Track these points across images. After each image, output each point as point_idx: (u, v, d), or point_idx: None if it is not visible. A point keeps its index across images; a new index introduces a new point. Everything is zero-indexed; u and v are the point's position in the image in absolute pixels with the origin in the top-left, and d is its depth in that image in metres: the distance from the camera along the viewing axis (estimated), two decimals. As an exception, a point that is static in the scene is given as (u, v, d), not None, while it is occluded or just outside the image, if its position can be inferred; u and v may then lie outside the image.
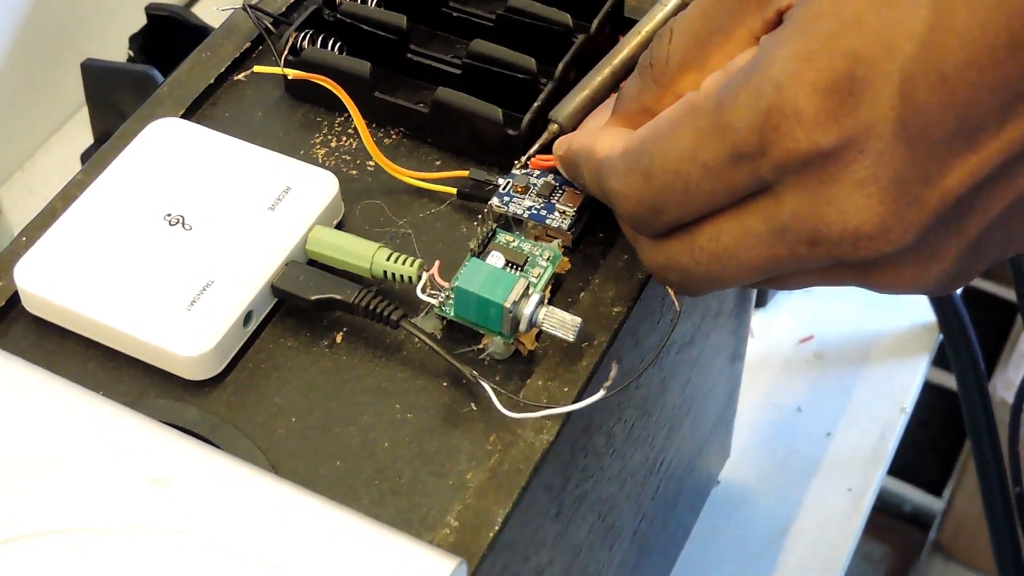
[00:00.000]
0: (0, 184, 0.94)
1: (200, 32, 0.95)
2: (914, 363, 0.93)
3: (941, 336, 0.92)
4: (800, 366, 0.93)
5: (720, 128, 0.39)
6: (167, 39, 0.96)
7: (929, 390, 1.37)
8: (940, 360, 1.00)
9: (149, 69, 0.89)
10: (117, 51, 0.99)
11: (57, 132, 1.02)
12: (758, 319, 0.95)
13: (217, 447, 0.45)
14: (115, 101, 0.92)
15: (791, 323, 0.95)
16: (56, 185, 0.54)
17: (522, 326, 0.47)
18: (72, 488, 0.43)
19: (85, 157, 0.94)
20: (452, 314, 0.48)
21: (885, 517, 1.55)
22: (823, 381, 0.92)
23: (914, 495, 1.56)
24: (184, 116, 0.55)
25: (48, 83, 1.01)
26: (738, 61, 0.41)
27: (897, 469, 1.37)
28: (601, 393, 0.45)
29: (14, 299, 0.50)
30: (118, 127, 0.56)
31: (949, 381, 1.51)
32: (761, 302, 0.95)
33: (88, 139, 0.97)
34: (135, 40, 0.97)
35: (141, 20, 0.98)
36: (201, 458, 0.44)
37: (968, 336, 0.87)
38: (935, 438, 1.60)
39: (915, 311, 0.96)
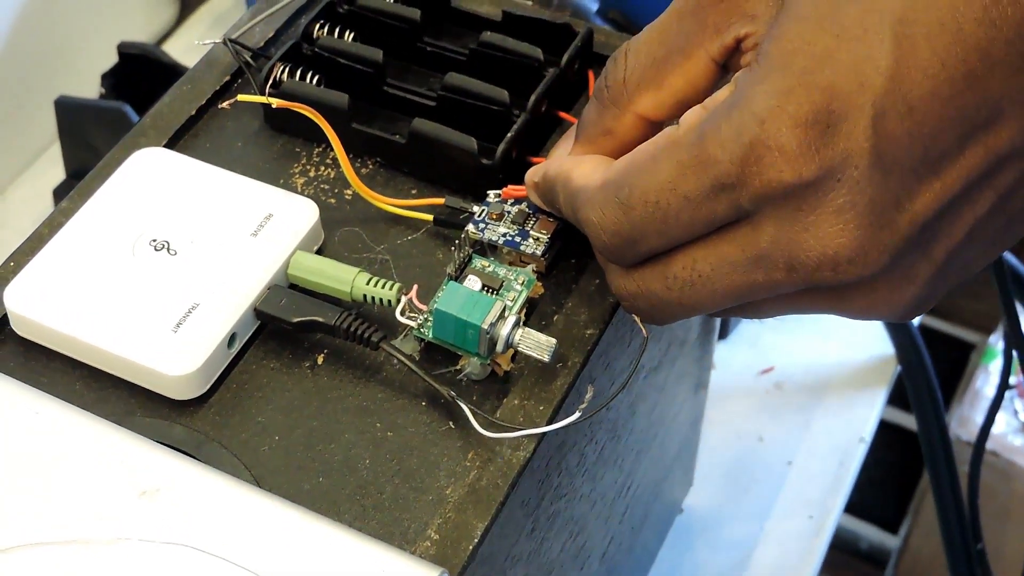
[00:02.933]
0: (-27, 218, 0.95)
1: (171, 70, 0.97)
2: (872, 394, 0.95)
3: (899, 368, 0.94)
4: (761, 396, 0.95)
5: (702, 161, 0.41)
6: (139, 77, 0.98)
7: (885, 428, 1.39)
8: (896, 399, 1.02)
9: (122, 106, 0.90)
10: (89, 89, 1.00)
11: (29, 167, 1.03)
12: (720, 350, 0.96)
13: (203, 463, 0.47)
14: (88, 137, 0.93)
15: (752, 354, 0.97)
16: (28, 219, 0.56)
17: (499, 347, 0.48)
18: (62, 501, 0.44)
19: (58, 192, 0.95)
20: (431, 336, 0.49)
21: (841, 555, 1.57)
22: (784, 411, 0.94)
23: (870, 532, 1.58)
24: (166, 146, 0.57)
25: (20, 119, 1.02)
26: (718, 96, 0.43)
27: (853, 506, 1.39)
28: (576, 415, 0.47)
29: (2, 322, 0.52)
30: (91, 163, 0.57)
31: (905, 420, 1.54)
32: (723, 334, 0.97)
33: (60, 175, 0.98)
34: (107, 78, 0.99)
35: (113, 58, 1.00)
36: (188, 472, 0.45)
37: (925, 367, 0.89)
38: (891, 476, 1.62)
39: (873, 344, 0.98)
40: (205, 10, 1.19)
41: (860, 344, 0.98)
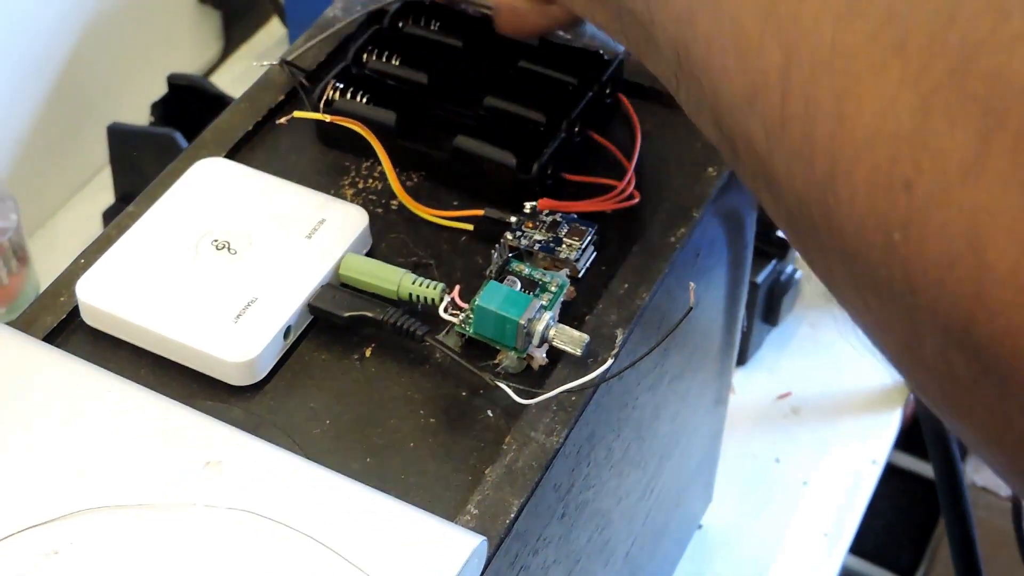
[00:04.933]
0: (27, 237, 0.99)
1: (218, 99, 1.02)
2: (887, 418, 0.99)
3: (911, 396, 0.97)
4: (778, 420, 0.98)
5: None
6: (187, 106, 1.03)
7: (901, 475, 1.42)
8: (912, 445, 1.04)
9: (172, 132, 0.95)
10: (140, 117, 1.05)
11: (80, 191, 1.08)
12: (739, 376, 1.00)
13: (261, 441, 0.50)
14: (138, 163, 0.98)
15: (770, 380, 1.01)
16: (79, 240, 0.60)
17: (535, 341, 0.52)
18: (132, 470, 0.48)
19: (107, 215, 1.00)
20: (471, 331, 0.53)
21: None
22: (800, 434, 0.98)
23: (886, 579, 1.60)
24: (225, 157, 0.61)
25: (74, 145, 1.07)
26: None
27: (869, 551, 1.42)
28: (609, 362, 0.51)
29: (73, 313, 0.56)
30: (140, 187, 0.61)
31: (921, 467, 1.56)
32: (742, 360, 1.01)
33: (110, 199, 1.03)
34: (157, 107, 1.03)
35: (163, 88, 1.04)
36: (249, 445, 0.49)
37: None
38: (907, 522, 1.64)
39: (887, 373, 1.02)
40: (249, 45, 1.24)
41: (874, 372, 1.02)
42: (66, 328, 0.56)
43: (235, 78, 1.18)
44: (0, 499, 0.47)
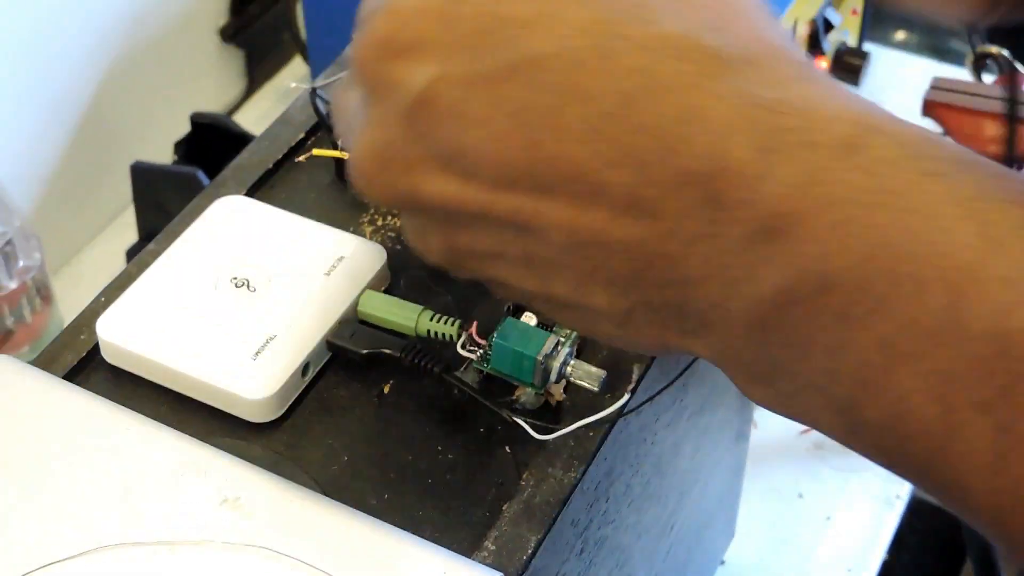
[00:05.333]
0: (51, 276, 1.00)
1: (241, 138, 1.02)
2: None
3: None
4: (801, 455, 0.98)
5: None
6: (210, 144, 1.03)
7: (925, 510, 1.41)
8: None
9: (195, 171, 0.96)
10: (162, 156, 1.06)
11: (104, 230, 1.09)
12: (761, 411, 1.00)
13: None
14: (161, 201, 0.98)
15: (793, 415, 1.01)
16: (102, 278, 0.60)
17: (552, 377, 0.52)
18: (150, 507, 0.48)
19: (130, 253, 1.00)
20: (489, 367, 0.53)
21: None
22: (823, 470, 0.97)
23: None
24: (245, 195, 0.62)
25: (97, 184, 1.08)
26: None
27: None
28: (627, 397, 0.51)
29: (94, 351, 0.56)
30: (164, 226, 0.61)
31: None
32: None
33: (133, 237, 1.03)
34: (180, 146, 1.04)
35: (186, 127, 1.05)
36: (266, 483, 0.49)
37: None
38: (932, 558, 1.63)
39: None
40: (273, 83, 1.25)
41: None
42: (87, 366, 0.56)
43: (259, 117, 1.19)
44: (19, 536, 0.47)
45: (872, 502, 0.95)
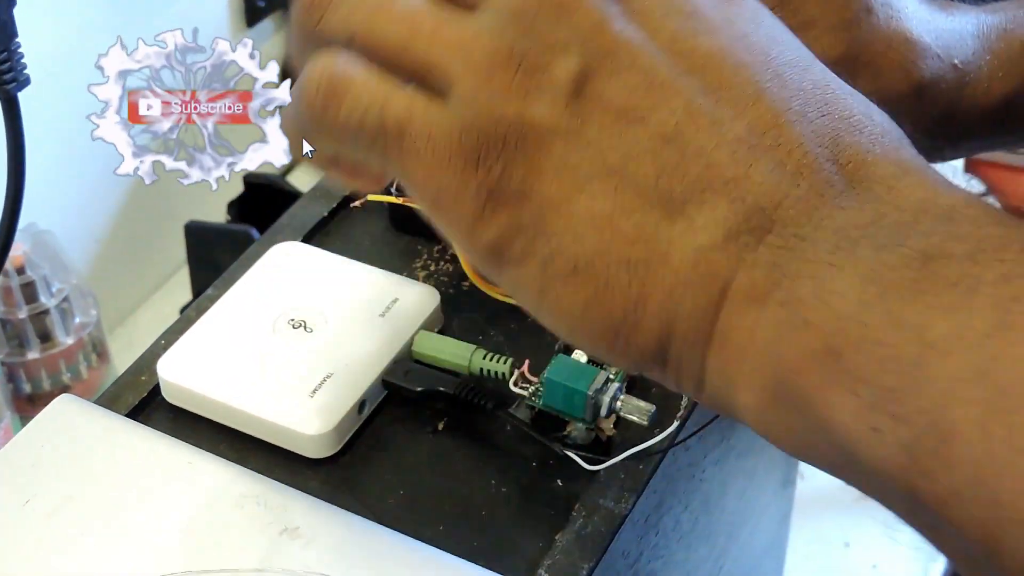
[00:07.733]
0: (107, 334, 1.02)
1: (294, 197, 1.04)
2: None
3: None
4: (847, 505, 0.99)
5: None
6: (262, 204, 1.05)
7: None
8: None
9: (248, 228, 0.98)
10: (216, 216, 1.08)
11: (159, 289, 1.11)
12: (807, 463, 1.01)
13: (337, 510, 0.52)
14: (215, 259, 1.00)
15: (839, 466, 1.01)
16: (156, 338, 0.61)
17: (602, 412, 0.54)
18: (212, 538, 0.50)
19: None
20: (541, 403, 0.55)
21: None
22: (868, 519, 0.98)
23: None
24: (301, 242, 0.63)
25: (152, 244, 1.10)
26: None
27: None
28: (676, 424, 0.52)
29: (155, 391, 0.58)
30: (218, 285, 0.63)
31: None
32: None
33: (188, 297, 1.05)
34: (233, 206, 1.06)
35: (239, 187, 1.07)
36: (324, 513, 0.50)
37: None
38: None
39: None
40: (323, 147, 1.26)
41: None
42: (148, 405, 0.58)
43: (311, 177, 1.21)
44: (90, 567, 0.49)
45: (919, 551, 0.96)
